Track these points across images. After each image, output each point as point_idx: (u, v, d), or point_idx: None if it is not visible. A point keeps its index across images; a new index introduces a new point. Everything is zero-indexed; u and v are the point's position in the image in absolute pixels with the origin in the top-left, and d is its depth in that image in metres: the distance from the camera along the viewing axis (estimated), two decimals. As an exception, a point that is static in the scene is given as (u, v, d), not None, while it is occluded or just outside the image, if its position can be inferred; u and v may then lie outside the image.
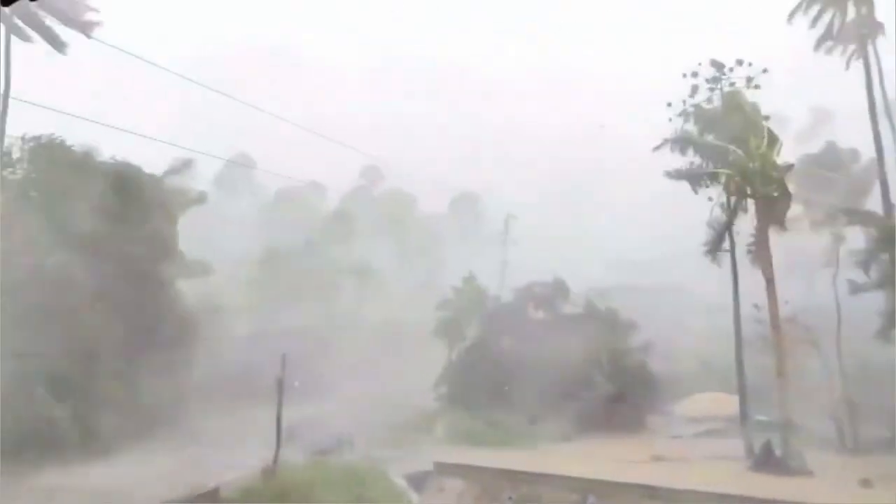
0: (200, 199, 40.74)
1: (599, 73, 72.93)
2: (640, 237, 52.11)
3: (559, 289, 44.52)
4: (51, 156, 35.08)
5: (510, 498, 28.49)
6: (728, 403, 34.62)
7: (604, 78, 72.14)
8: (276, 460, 27.04)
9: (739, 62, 33.69)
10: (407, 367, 46.65)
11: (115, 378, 31.97)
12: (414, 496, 29.63)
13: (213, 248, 41.02)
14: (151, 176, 38.05)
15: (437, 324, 45.57)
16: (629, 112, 57.57)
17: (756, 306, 31.82)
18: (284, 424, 28.33)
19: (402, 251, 60.24)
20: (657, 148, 32.43)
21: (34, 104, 35.76)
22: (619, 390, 38.03)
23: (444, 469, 31.00)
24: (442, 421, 39.02)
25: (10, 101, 36.46)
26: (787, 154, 32.14)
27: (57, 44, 37.85)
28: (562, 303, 43.87)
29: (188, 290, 38.64)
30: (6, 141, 35.99)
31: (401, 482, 30.02)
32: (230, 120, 51.61)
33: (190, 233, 39.31)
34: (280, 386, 28.17)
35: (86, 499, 24.78)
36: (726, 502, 24.84)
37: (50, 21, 37.72)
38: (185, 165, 40.95)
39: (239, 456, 27.61)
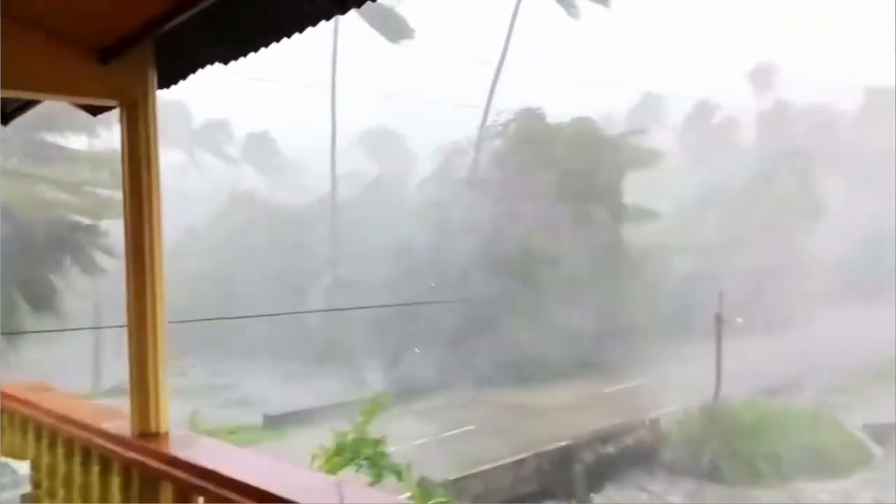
0: (655, 158, 40.94)
1: None
2: None
3: None
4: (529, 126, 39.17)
5: None
6: None
7: None
8: (716, 397, 26.76)
9: None
10: (873, 309, 41.57)
11: (564, 312, 34.79)
12: (876, 449, 26.69)
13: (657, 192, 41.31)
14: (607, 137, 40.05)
15: None
16: None
17: None
18: (726, 362, 27.76)
19: (851, 183, 52.93)
20: None
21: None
22: None
23: (915, 424, 27.19)
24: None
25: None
26: None
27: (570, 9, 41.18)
28: None
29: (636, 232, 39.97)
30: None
31: (859, 434, 27.29)
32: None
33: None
34: (719, 322, 27.62)
35: (528, 414, 27.96)
36: None
37: None
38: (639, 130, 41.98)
39: (679, 391, 27.94)
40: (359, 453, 13.68)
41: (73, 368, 28.02)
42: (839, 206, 50.90)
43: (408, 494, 12.71)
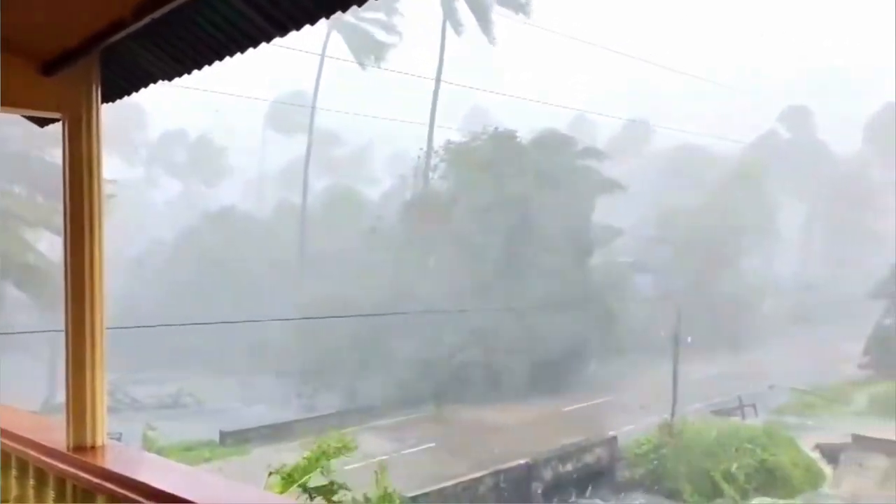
0: (612, 186, 41.29)
1: None
2: None
3: None
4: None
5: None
6: None
7: None
8: (672, 416, 27.10)
9: None
10: (824, 332, 42.57)
11: (526, 331, 34.94)
12: (827, 469, 27.23)
13: (608, 211, 41.73)
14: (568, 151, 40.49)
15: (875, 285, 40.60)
16: None
17: None
18: (684, 381, 28.16)
19: (815, 206, 54.32)
20: None
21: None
22: None
23: (865, 443, 27.71)
24: (865, 391, 34.83)
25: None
26: None
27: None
28: None
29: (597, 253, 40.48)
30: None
31: (811, 453, 27.83)
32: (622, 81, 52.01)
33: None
34: (675, 343, 28.04)
35: (489, 432, 28.04)
36: None
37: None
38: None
39: (637, 410, 28.28)
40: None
41: (30, 380, 27.45)
42: (796, 229, 52.27)
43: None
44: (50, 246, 30.00)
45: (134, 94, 3.28)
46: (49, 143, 25.59)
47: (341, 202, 47.53)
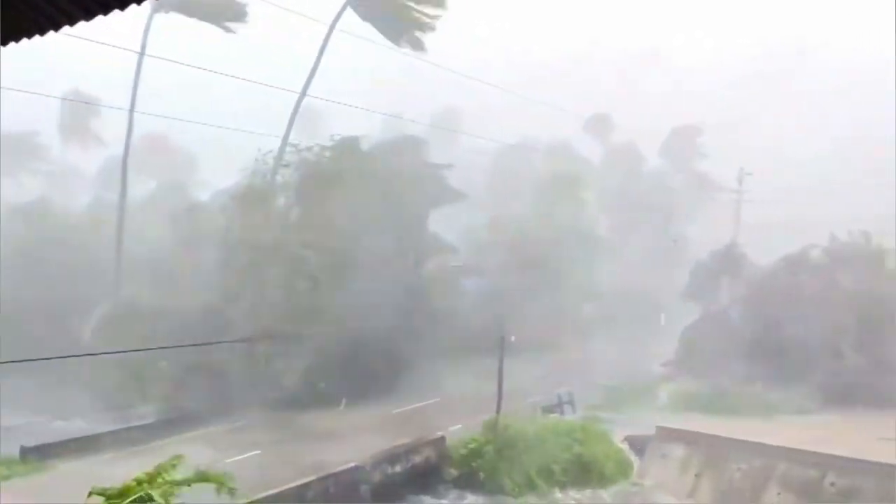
0: (457, 197, 42.12)
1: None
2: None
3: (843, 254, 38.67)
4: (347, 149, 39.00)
5: (739, 468, 27.18)
6: None
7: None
8: (497, 414, 28.09)
9: None
10: (633, 333, 45.89)
11: (352, 338, 34.81)
12: (634, 460, 29.41)
13: (444, 215, 42.55)
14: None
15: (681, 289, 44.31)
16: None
17: None
18: (509, 380, 29.21)
19: (627, 212, 58.38)
20: None
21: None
22: (873, 361, 34.32)
23: (667, 435, 30.23)
24: (666, 387, 37.99)
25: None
26: None
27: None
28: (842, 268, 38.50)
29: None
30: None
31: (621, 445, 29.94)
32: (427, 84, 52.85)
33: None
34: (502, 343, 29.08)
35: (318, 437, 27.79)
36: None
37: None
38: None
39: (464, 409, 29.03)
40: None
41: None
42: (612, 234, 55.98)
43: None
44: None
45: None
46: None
47: (167, 205, 44.86)
